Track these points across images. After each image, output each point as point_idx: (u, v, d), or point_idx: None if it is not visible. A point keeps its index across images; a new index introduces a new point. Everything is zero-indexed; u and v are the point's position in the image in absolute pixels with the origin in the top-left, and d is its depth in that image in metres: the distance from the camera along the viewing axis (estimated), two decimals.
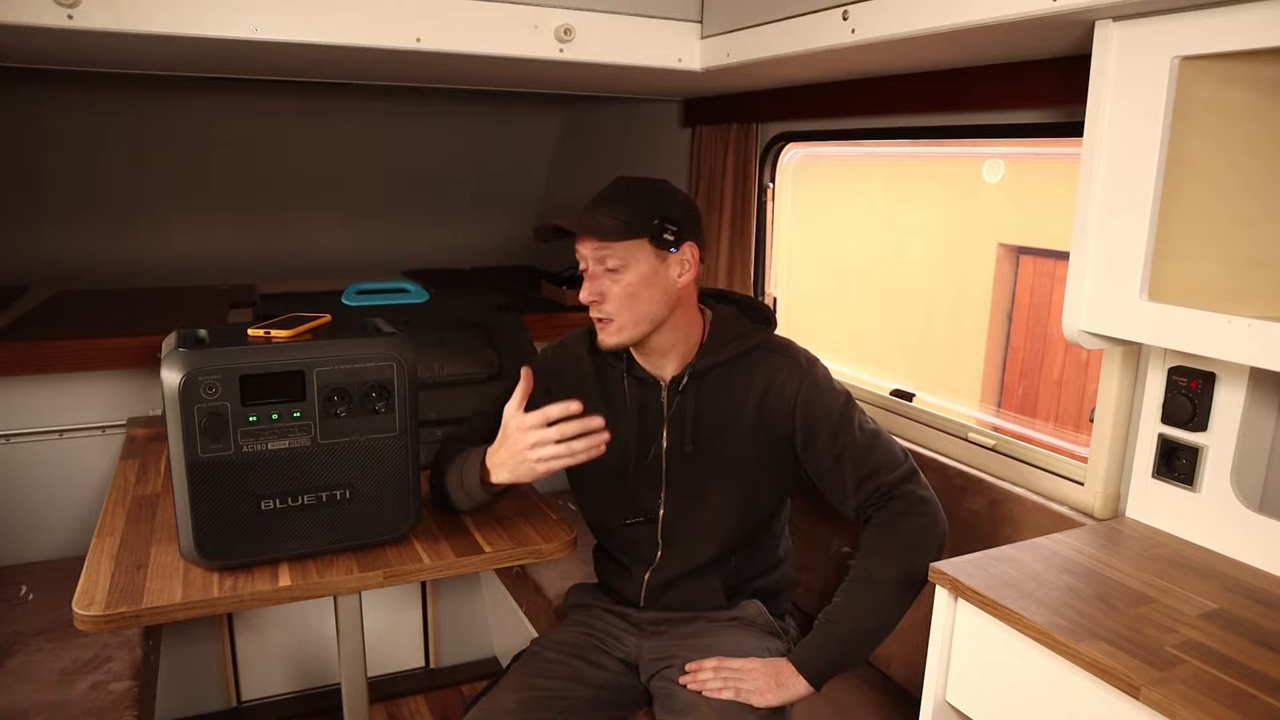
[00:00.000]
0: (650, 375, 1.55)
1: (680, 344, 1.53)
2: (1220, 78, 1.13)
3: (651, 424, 1.56)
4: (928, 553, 1.39)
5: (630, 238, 1.43)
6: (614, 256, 1.43)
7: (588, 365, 1.61)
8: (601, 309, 1.46)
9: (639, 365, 1.56)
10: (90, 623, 1.28)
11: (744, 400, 1.51)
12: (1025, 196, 3.42)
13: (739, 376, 1.52)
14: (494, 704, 1.49)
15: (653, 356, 1.54)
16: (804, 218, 2.60)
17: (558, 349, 1.67)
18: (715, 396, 1.53)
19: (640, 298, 1.45)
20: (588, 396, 1.56)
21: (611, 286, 1.45)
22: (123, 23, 1.44)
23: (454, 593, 2.65)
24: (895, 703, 1.69)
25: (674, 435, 1.54)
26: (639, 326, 1.47)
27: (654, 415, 1.56)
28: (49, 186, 2.91)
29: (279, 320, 1.51)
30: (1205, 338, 1.12)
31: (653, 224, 1.43)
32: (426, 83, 2.45)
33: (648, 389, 1.56)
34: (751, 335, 1.54)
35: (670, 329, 1.50)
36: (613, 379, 1.58)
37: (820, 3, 1.48)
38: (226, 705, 2.41)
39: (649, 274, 1.44)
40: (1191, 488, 1.37)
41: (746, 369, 1.52)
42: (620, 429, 1.54)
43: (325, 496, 1.43)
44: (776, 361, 1.52)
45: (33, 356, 2.13)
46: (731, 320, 1.56)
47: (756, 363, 1.52)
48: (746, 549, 1.60)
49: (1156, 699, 0.97)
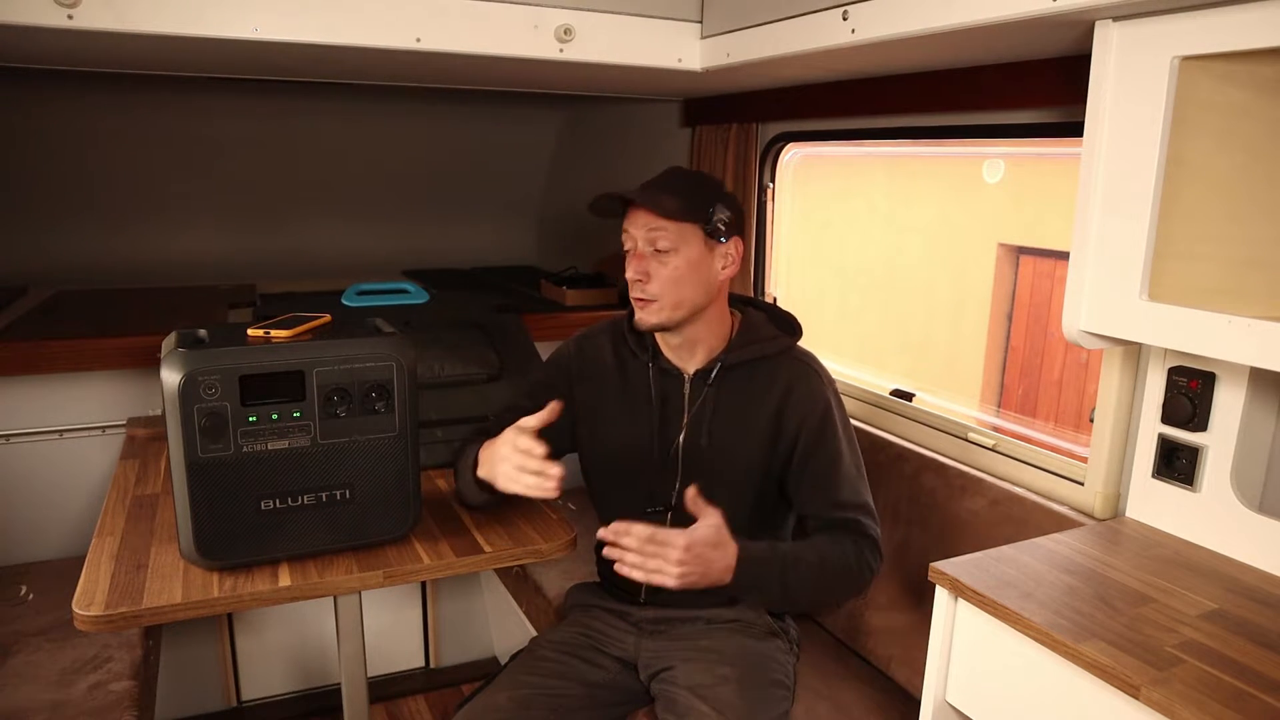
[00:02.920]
0: (674, 367, 1.58)
1: (709, 338, 1.56)
2: (1220, 78, 1.13)
3: (672, 415, 1.58)
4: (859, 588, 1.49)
5: (687, 221, 1.46)
6: (666, 237, 1.46)
7: (611, 356, 1.64)
8: (645, 289, 1.48)
9: (664, 356, 1.59)
10: (90, 623, 1.28)
11: (763, 402, 1.53)
12: (1025, 196, 3.42)
13: (761, 377, 1.54)
14: (487, 701, 1.50)
15: (681, 348, 1.57)
16: (804, 218, 2.61)
17: (583, 339, 1.70)
18: (736, 394, 1.55)
19: (685, 282, 1.47)
20: (611, 385, 1.62)
21: (659, 268, 1.47)
22: (123, 23, 1.44)
23: (454, 593, 2.65)
24: (895, 703, 1.69)
25: (692, 428, 1.56)
26: (679, 310, 1.49)
27: (675, 407, 1.58)
28: (49, 186, 2.91)
29: (279, 320, 1.50)
30: (1205, 338, 1.12)
31: (708, 212, 1.48)
32: (426, 83, 2.45)
33: (670, 380, 1.59)
34: (779, 340, 1.57)
35: (704, 321, 1.53)
36: (636, 370, 1.61)
37: (820, 3, 1.48)
38: (226, 705, 2.41)
39: (696, 260, 1.48)
40: (1191, 488, 1.37)
41: (770, 371, 1.55)
42: (641, 420, 1.59)
43: (325, 496, 1.43)
44: (801, 371, 1.55)
45: (33, 356, 2.13)
46: (761, 324, 1.60)
47: (781, 368, 1.55)
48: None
49: (1156, 699, 0.97)
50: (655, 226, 1.46)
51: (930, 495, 1.77)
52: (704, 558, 1.34)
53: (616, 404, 1.62)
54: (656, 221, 1.46)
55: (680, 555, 1.31)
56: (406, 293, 2.53)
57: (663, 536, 1.31)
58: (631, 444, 1.60)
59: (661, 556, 1.31)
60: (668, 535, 1.32)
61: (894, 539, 1.80)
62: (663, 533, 1.32)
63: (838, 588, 1.49)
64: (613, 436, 1.62)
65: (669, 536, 1.32)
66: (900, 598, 1.75)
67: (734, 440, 1.54)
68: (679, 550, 1.31)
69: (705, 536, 1.34)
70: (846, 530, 1.50)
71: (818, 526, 1.54)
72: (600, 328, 1.70)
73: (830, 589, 1.49)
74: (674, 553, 1.31)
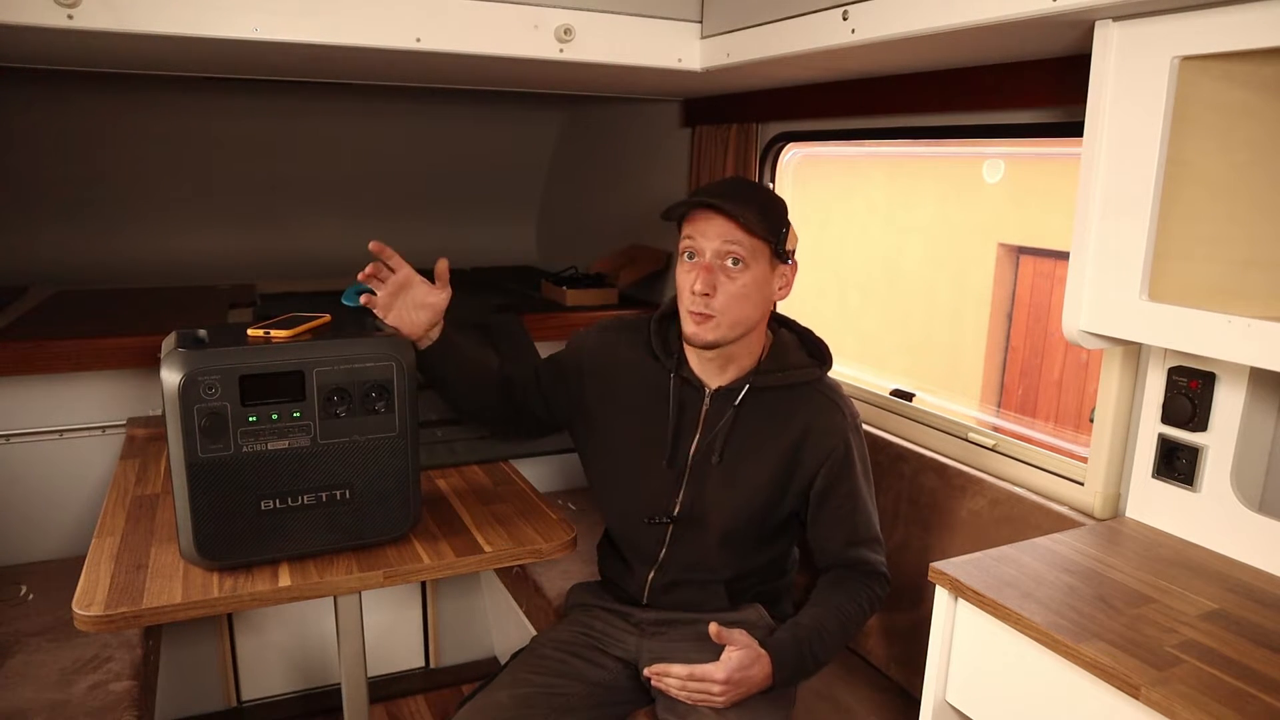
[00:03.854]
0: (697, 379, 1.55)
1: (744, 357, 1.52)
2: (1220, 78, 1.13)
3: (686, 427, 1.55)
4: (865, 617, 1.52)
5: (764, 238, 1.41)
6: (744, 250, 1.40)
7: (631, 355, 1.60)
8: (710, 304, 1.41)
9: (689, 367, 1.56)
10: (90, 623, 1.28)
11: (784, 431, 1.51)
12: (1025, 196, 3.42)
13: (785, 406, 1.52)
14: (489, 699, 1.49)
15: (713, 362, 1.52)
16: (804, 218, 2.60)
17: (601, 331, 1.65)
18: (757, 418, 1.52)
19: (749, 301, 1.43)
20: (625, 385, 1.59)
21: (727, 283, 1.41)
22: (123, 23, 1.44)
23: (454, 593, 2.65)
24: (895, 703, 1.69)
25: (705, 443, 1.54)
26: (736, 329, 1.45)
27: (690, 419, 1.55)
28: (49, 186, 2.91)
29: (279, 320, 1.51)
30: (1205, 338, 1.12)
31: (781, 232, 1.44)
32: (426, 83, 2.45)
33: (690, 391, 1.55)
34: (809, 369, 1.54)
35: (746, 340, 1.49)
36: (656, 374, 1.57)
37: (820, 3, 1.48)
38: (226, 705, 2.41)
39: (761, 279, 1.44)
40: (1191, 488, 1.37)
41: (794, 401, 1.52)
42: (653, 425, 1.56)
43: (325, 496, 1.43)
44: (826, 406, 1.52)
45: (33, 356, 2.13)
46: (793, 349, 1.56)
47: (806, 399, 1.52)
48: (753, 563, 1.60)
49: (1156, 699, 0.97)
50: (734, 239, 1.40)
51: (930, 495, 1.77)
52: (744, 680, 1.39)
53: (628, 405, 1.58)
54: (736, 234, 1.39)
55: (722, 687, 1.38)
56: None
57: (701, 673, 1.39)
58: (639, 448, 1.57)
59: (705, 691, 1.39)
60: (706, 670, 1.38)
61: (894, 539, 1.80)
62: (700, 669, 1.39)
63: (856, 633, 1.52)
64: (620, 437, 1.60)
65: (707, 671, 1.38)
66: (900, 598, 1.75)
67: (746, 463, 1.52)
68: (720, 685, 1.38)
69: (740, 661, 1.39)
70: (856, 570, 1.53)
71: (827, 563, 1.56)
72: (622, 324, 1.65)
73: (850, 638, 1.52)
74: (715, 686, 1.38)
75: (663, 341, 1.58)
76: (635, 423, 1.58)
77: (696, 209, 1.43)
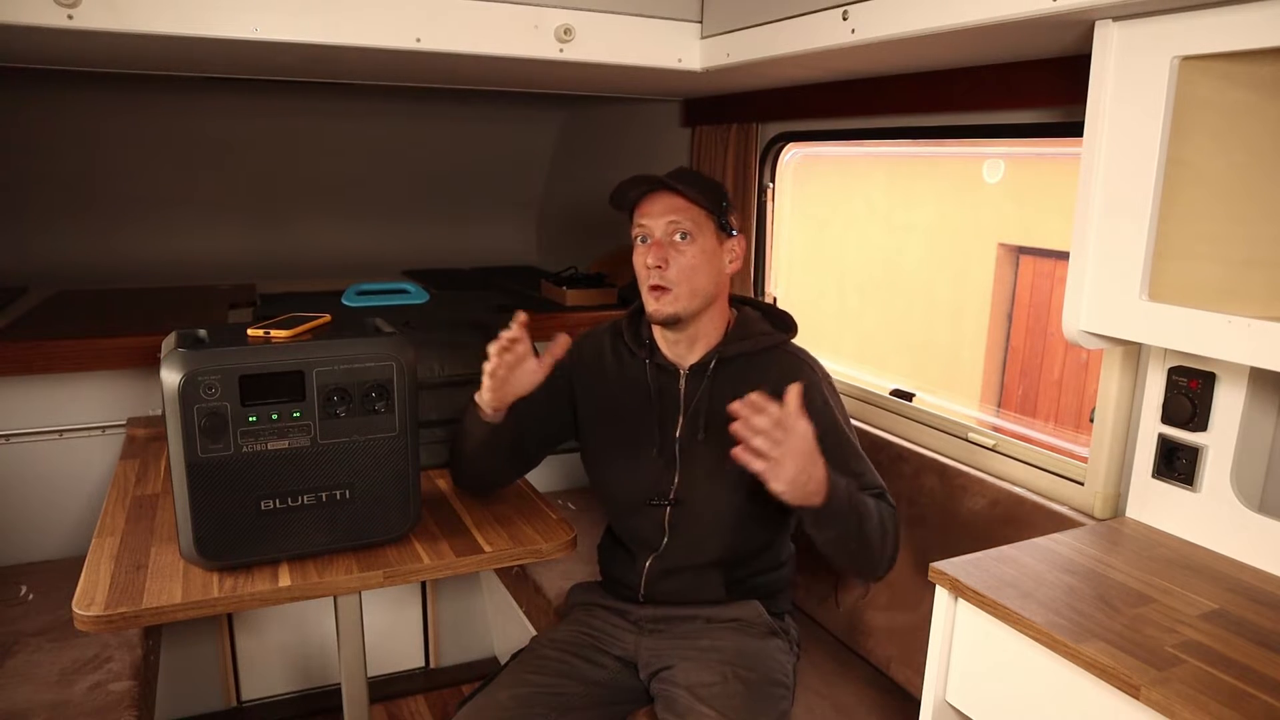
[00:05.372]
0: (671, 363, 1.61)
1: (710, 333, 1.59)
2: (1220, 78, 1.13)
3: (669, 410, 1.60)
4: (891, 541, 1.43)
5: (706, 208, 1.51)
6: (688, 222, 1.50)
7: (610, 355, 1.67)
8: (664, 276, 1.50)
9: (661, 353, 1.62)
10: (90, 623, 1.28)
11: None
12: (1025, 196, 3.41)
13: (755, 371, 1.56)
14: (489, 699, 1.50)
15: (680, 344, 1.59)
16: (804, 218, 2.61)
17: (582, 339, 1.72)
18: (731, 387, 1.54)
19: (701, 271, 1.51)
20: (610, 384, 1.65)
21: (677, 256, 1.50)
22: (123, 23, 1.44)
23: (454, 593, 2.65)
24: (895, 703, 1.69)
25: (689, 422, 1.58)
26: (693, 300, 1.52)
27: (672, 402, 1.60)
28: (49, 186, 2.91)
29: (279, 320, 1.51)
30: (1205, 338, 1.12)
31: (721, 205, 1.54)
32: (426, 83, 2.45)
33: (667, 376, 1.61)
34: (773, 335, 1.60)
35: (707, 316, 1.56)
36: (634, 367, 1.64)
37: (820, 3, 1.48)
38: (226, 705, 2.41)
39: (710, 251, 1.52)
40: (1191, 488, 1.37)
41: (762, 366, 1.57)
42: (640, 416, 1.61)
43: (325, 496, 1.43)
44: (793, 363, 1.57)
45: (33, 356, 2.13)
46: (755, 320, 1.63)
47: (774, 361, 1.58)
48: (750, 545, 1.61)
49: (1156, 699, 0.97)
50: (677, 211, 1.49)
51: (930, 495, 1.77)
52: (813, 456, 1.29)
53: (616, 401, 1.64)
54: (679, 203, 1.49)
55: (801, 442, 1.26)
56: (406, 293, 2.53)
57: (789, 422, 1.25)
58: (631, 440, 1.61)
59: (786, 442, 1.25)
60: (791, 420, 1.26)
61: None
62: (789, 417, 1.25)
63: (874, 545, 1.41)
64: (613, 433, 1.64)
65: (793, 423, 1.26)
66: (900, 598, 1.75)
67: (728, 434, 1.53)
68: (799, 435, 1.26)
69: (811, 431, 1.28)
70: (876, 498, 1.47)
71: None
72: (600, 329, 1.72)
73: (876, 535, 1.41)
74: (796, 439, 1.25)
75: (634, 333, 1.64)
76: (624, 419, 1.63)
77: (643, 196, 1.53)
